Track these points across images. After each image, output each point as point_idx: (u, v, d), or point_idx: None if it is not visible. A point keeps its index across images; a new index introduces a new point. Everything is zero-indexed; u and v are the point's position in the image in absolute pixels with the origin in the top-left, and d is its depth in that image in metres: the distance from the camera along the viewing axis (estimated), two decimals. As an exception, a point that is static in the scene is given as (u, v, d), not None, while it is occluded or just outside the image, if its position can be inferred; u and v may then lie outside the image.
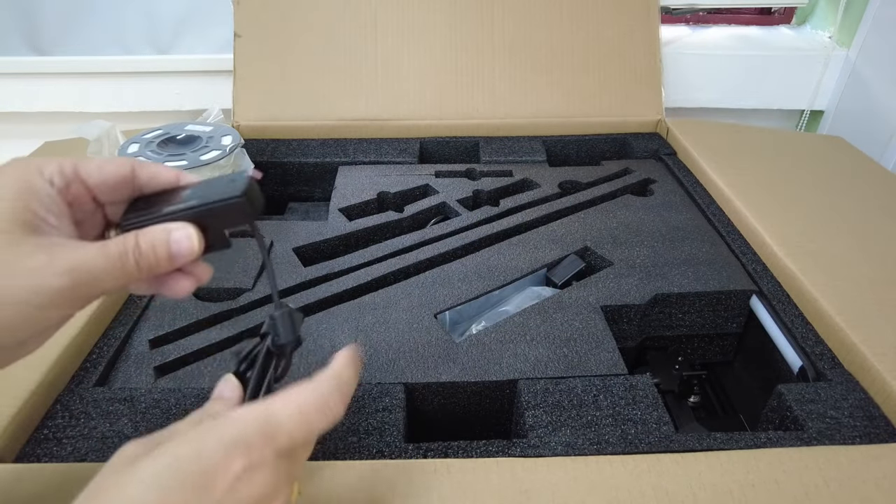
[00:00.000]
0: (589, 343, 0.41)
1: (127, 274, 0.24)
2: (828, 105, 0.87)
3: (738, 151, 0.64)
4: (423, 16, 0.71)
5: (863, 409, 0.36)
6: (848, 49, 0.83)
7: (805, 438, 0.34)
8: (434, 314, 0.44)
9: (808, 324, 0.43)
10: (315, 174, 0.67)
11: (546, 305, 0.44)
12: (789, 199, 0.55)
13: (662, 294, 0.46)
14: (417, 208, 0.57)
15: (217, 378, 0.38)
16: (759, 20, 0.94)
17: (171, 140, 0.56)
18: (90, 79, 0.84)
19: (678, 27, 0.92)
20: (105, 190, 0.26)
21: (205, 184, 0.26)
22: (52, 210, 0.24)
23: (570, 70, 0.72)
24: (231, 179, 0.25)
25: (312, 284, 0.47)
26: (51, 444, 0.33)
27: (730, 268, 0.49)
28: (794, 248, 0.48)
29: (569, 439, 0.34)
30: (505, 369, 0.39)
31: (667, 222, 0.55)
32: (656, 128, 0.73)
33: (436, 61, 0.71)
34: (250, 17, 0.70)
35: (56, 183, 0.24)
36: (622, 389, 0.37)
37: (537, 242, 0.52)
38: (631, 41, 0.72)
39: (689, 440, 0.34)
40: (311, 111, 0.70)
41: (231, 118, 0.70)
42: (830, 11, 0.87)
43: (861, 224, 0.51)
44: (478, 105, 0.72)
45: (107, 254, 0.23)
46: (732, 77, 0.85)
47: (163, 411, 0.35)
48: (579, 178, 0.62)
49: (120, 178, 0.26)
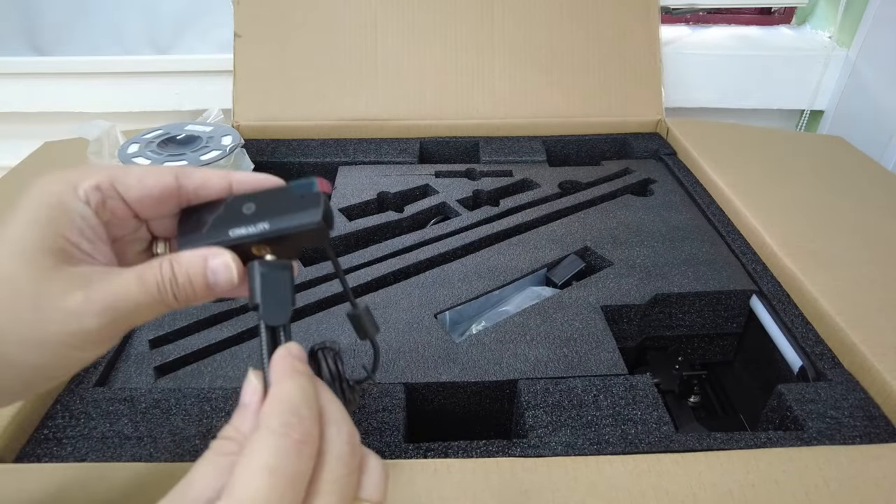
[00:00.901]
0: (589, 343, 0.41)
1: (166, 306, 0.22)
2: (828, 105, 0.87)
3: (739, 151, 0.64)
4: (423, 16, 0.71)
5: (863, 408, 0.36)
6: (848, 49, 0.83)
7: (805, 438, 0.34)
8: (434, 314, 0.44)
9: (809, 324, 0.43)
10: (315, 174, 0.67)
11: (546, 305, 0.44)
12: (789, 199, 0.55)
13: (662, 294, 0.46)
14: (417, 208, 0.57)
15: (216, 378, 0.38)
16: (759, 20, 0.94)
17: (171, 140, 0.56)
18: (90, 79, 0.84)
19: (678, 27, 0.92)
20: (148, 205, 0.23)
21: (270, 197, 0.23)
22: (87, 234, 0.22)
23: (570, 70, 0.72)
24: (301, 195, 0.22)
25: (312, 284, 0.47)
26: (51, 444, 0.33)
27: (730, 268, 0.49)
28: (794, 247, 0.48)
29: (569, 439, 0.34)
30: (505, 369, 0.39)
31: (667, 222, 0.55)
32: (656, 128, 0.73)
33: (436, 61, 0.71)
34: (250, 17, 0.70)
35: (92, 201, 0.22)
36: (622, 389, 0.37)
37: (537, 242, 0.52)
38: (631, 41, 0.72)
39: (689, 440, 0.34)
40: (311, 111, 0.70)
41: (231, 118, 0.70)
42: (830, 11, 0.87)
43: (861, 224, 0.51)
44: (478, 105, 0.71)
45: (145, 287, 0.21)
46: (732, 77, 0.85)
47: (163, 411, 0.35)
48: (579, 178, 0.62)
49: (162, 190, 0.23)
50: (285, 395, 0.20)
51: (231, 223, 0.23)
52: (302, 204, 0.22)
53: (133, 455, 0.33)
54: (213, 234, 0.23)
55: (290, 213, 0.22)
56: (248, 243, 0.22)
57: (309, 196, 0.22)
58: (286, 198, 0.23)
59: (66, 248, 0.21)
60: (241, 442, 0.20)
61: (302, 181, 0.23)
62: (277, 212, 0.22)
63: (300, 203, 0.22)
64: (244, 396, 0.22)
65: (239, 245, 0.23)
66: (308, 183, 0.23)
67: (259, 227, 0.22)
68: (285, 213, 0.22)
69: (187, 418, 0.35)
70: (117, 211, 0.23)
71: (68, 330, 0.20)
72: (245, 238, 0.22)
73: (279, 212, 0.22)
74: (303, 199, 0.22)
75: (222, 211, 0.23)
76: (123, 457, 0.32)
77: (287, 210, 0.22)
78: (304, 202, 0.22)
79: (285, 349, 0.22)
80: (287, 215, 0.22)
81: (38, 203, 0.21)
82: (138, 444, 0.33)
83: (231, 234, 0.22)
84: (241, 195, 0.24)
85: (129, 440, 0.33)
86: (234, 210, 0.23)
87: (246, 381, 0.22)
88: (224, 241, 0.22)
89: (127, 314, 0.21)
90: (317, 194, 0.22)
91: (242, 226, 0.22)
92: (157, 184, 0.23)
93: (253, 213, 0.23)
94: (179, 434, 0.34)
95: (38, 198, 0.21)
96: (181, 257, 0.22)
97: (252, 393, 0.22)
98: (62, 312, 0.20)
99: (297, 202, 0.22)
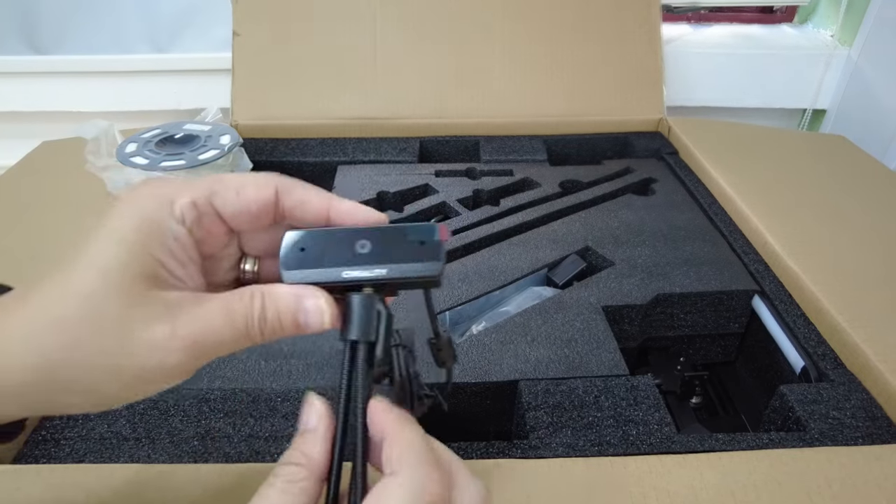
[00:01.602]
0: (590, 343, 0.41)
1: (250, 341, 0.20)
2: (830, 104, 0.87)
3: (740, 151, 0.64)
4: (423, 14, 0.71)
5: (865, 409, 0.36)
6: (850, 48, 0.83)
7: (807, 439, 0.34)
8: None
9: (811, 324, 0.43)
10: (314, 173, 0.67)
11: (547, 306, 0.44)
12: (791, 199, 0.55)
13: (664, 294, 0.46)
14: (417, 208, 0.57)
15: (214, 379, 0.38)
16: (761, 18, 0.94)
17: (169, 139, 0.56)
18: (88, 78, 0.83)
19: (679, 25, 0.91)
20: (245, 219, 0.22)
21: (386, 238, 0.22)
22: (179, 256, 0.20)
23: (570, 68, 0.72)
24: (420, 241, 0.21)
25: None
26: (49, 445, 0.33)
27: (732, 268, 0.48)
28: (796, 247, 0.47)
29: (570, 440, 0.33)
30: (505, 370, 0.38)
31: (668, 222, 0.55)
32: (658, 127, 0.73)
33: (436, 60, 0.71)
34: (249, 16, 0.70)
35: (187, 220, 0.20)
36: (623, 390, 0.37)
37: (538, 242, 0.52)
38: (632, 39, 0.72)
39: (690, 441, 0.33)
40: (310, 110, 0.70)
41: (229, 117, 0.70)
42: (832, 10, 0.87)
43: (863, 223, 0.51)
44: (478, 104, 0.71)
45: (232, 321, 0.20)
46: (734, 76, 0.85)
47: (161, 412, 0.35)
48: (580, 178, 0.62)
49: (262, 206, 0.21)
50: (415, 442, 0.20)
51: (343, 261, 0.21)
52: (422, 252, 0.21)
53: (131, 456, 0.32)
54: (323, 270, 0.21)
55: (408, 261, 0.21)
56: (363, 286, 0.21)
57: (430, 244, 0.21)
58: (404, 242, 0.22)
59: (157, 271, 0.19)
60: (314, 470, 0.19)
61: (421, 226, 0.22)
62: (395, 257, 0.21)
63: (419, 251, 0.21)
64: (309, 421, 0.20)
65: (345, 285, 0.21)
66: (428, 229, 0.22)
67: (374, 272, 0.21)
68: (404, 259, 0.21)
69: (185, 419, 0.35)
70: (212, 228, 0.21)
71: (150, 364, 0.19)
72: (358, 281, 0.21)
73: (397, 257, 0.21)
74: (423, 246, 0.21)
75: (334, 245, 0.22)
76: (121, 458, 0.32)
77: (405, 257, 0.21)
78: (423, 251, 0.21)
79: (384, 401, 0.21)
80: (406, 263, 0.21)
81: (130, 220, 0.19)
82: (136, 446, 0.33)
83: (344, 276, 0.21)
84: (352, 228, 0.22)
85: (127, 441, 0.33)
86: (346, 246, 0.21)
87: (307, 404, 0.21)
88: (334, 281, 0.21)
89: (211, 350, 0.20)
90: (438, 244, 0.21)
91: (357, 267, 0.21)
92: (258, 199, 0.21)
93: (368, 253, 0.21)
94: (178, 435, 0.34)
95: (129, 214, 0.20)
96: (274, 292, 0.20)
97: (319, 418, 0.20)
98: (143, 344, 0.19)
99: (415, 249, 0.21)
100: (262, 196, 0.21)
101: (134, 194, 0.20)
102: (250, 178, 0.21)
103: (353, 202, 0.22)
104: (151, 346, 0.19)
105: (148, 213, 0.20)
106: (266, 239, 0.24)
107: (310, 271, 0.21)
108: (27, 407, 0.20)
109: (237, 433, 0.34)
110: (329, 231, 0.22)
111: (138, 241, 0.19)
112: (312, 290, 0.21)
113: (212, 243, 0.22)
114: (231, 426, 0.34)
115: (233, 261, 0.24)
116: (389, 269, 0.21)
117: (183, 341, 0.19)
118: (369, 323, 0.21)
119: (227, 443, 0.33)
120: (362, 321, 0.21)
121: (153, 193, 0.20)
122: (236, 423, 0.34)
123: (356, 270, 0.21)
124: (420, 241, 0.21)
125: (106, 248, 0.19)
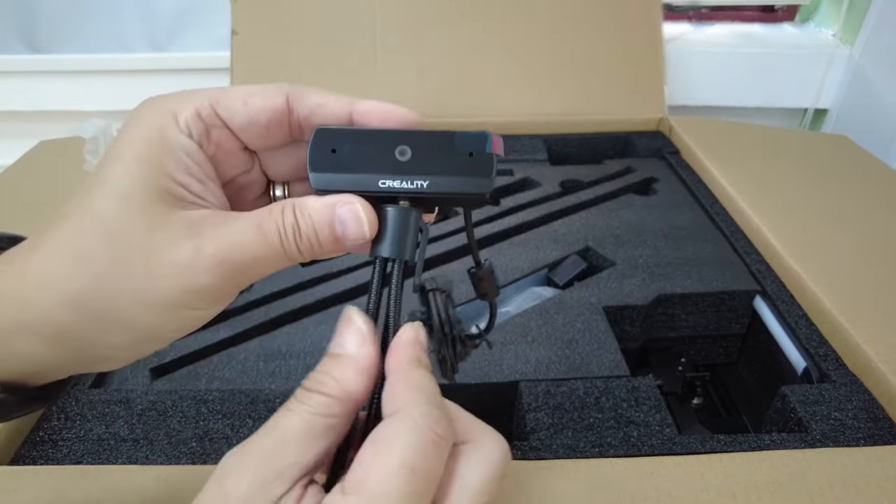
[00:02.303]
0: (591, 344, 0.40)
1: (289, 259, 0.19)
2: (832, 103, 0.87)
3: (742, 150, 0.64)
4: (423, 14, 0.71)
5: (867, 410, 0.35)
6: (851, 47, 0.82)
7: (809, 440, 0.34)
8: (434, 314, 0.43)
9: (812, 324, 0.42)
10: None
11: (547, 306, 0.44)
12: (793, 199, 0.54)
13: (665, 294, 0.45)
14: (417, 207, 0.57)
15: (213, 380, 0.38)
16: (762, 17, 0.93)
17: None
18: (87, 77, 0.83)
19: (680, 24, 0.91)
20: (256, 133, 0.20)
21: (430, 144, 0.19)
22: (194, 172, 0.19)
23: (571, 67, 0.71)
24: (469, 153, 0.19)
25: (311, 285, 0.46)
26: (46, 446, 0.33)
27: (733, 268, 0.48)
28: (798, 247, 0.47)
29: (570, 442, 0.33)
30: (506, 371, 0.38)
31: (669, 222, 0.54)
32: (659, 126, 0.73)
33: (435, 59, 0.71)
34: (248, 15, 0.70)
35: (195, 133, 0.19)
36: (624, 391, 0.36)
37: (538, 242, 0.52)
38: (633, 38, 0.72)
39: (692, 442, 0.33)
40: (310, 109, 0.70)
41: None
42: (834, 9, 0.87)
43: (866, 223, 0.51)
44: (478, 103, 0.71)
45: (265, 236, 0.18)
46: (735, 75, 0.84)
47: (159, 413, 0.35)
48: (581, 177, 0.62)
49: (272, 115, 0.20)
50: (423, 383, 0.18)
51: (380, 168, 0.19)
52: (470, 165, 0.19)
53: (129, 457, 0.32)
54: (356, 176, 0.19)
55: (455, 175, 0.19)
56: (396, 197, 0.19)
57: (479, 156, 0.19)
58: (451, 152, 0.19)
59: (174, 189, 0.18)
60: (349, 407, 0.18)
61: (471, 134, 0.19)
62: (439, 168, 0.19)
63: (467, 164, 0.19)
64: (348, 345, 0.18)
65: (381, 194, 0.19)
66: (479, 138, 0.19)
67: (415, 184, 0.19)
68: (449, 172, 0.19)
69: (184, 420, 0.34)
70: (223, 143, 0.20)
71: (179, 286, 0.18)
72: (395, 192, 0.19)
73: (441, 169, 0.19)
74: (471, 158, 0.19)
75: (371, 148, 0.19)
76: (119, 459, 0.32)
77: (452, 169, 0.19)
78: (472, 164, 0.19)
79: (415, 331, 0.19)
80: (451, 177, 0.19)
81: (138, 138, 0.18)
82: (134, 447, 0.33)
83: (380, 185, 0.19)
84: (392, 131, 0.20)
85: (125, 442, 0.33)
86: (384, 150, 0.19)
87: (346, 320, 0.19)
88: (369, 190, 0.19)
89: (244, 268, 0.18)
90: (489, 157, 0.19)
91: (395, 176, 0.19)
92: (266, 107, 0.20)
93: (408, 160, 0.19)
94: (176, 436, 0.33)
95: (137, 132, 0.19)
96: (306, 204, 0.19)
97: (359, 344, 0.18)
98: (169, 266, 0.18)
99: (463, 161, 0.19)
100: (270, 104, 0.20)
101: (136, 113, 0.19)
102: (258, 87, 0.20)
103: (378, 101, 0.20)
104: (178, 266, 0.18)
105: (154, 129, 0.19)
106: (289, 162, 0.22)
107: (341, 175, 0.19)
108: (70, 349, 0.19)
109: (236, 434, 0.34)
110: (365, 131, 0.19)
111: (150, 159, 0.18)
112: (347, 197, 0.19)
113: (229, 163, 0.21)
114: (230, 427, 0.34)
115: (259, 190, 0.23)
116: (433, 181, 0.19)
117: (211, 259, 0.18)
118: (406, 240, 0.19)
119: (226, 444, 0.33)
120: (398, 237, 0.19)
121: (157, 108, 0.19)
122: (235, 424, 0.34)
123: (394, 179, 0.19)
124: (469, 153, 0.19)
125: (120, 169, 0.18)
